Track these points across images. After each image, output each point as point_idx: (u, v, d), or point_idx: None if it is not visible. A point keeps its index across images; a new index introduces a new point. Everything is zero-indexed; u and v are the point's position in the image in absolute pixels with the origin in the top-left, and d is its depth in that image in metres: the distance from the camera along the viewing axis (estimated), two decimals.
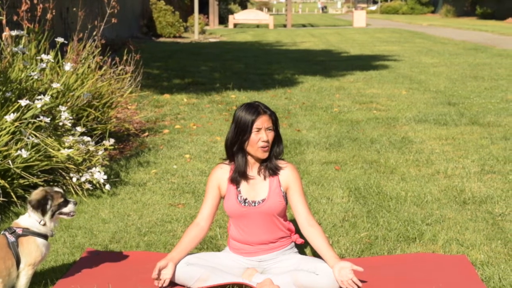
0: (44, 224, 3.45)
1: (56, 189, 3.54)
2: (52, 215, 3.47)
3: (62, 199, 3.49)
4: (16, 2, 8.12)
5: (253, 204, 3.64)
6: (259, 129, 3.58)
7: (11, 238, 3.39)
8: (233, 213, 3.68)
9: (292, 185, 3.68)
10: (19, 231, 3.42)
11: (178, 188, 5.44)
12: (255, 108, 3.61)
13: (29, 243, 3.42)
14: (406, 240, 4.26)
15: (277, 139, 3.67)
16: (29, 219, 3.46)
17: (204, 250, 4.12)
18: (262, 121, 3.58)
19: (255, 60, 16.30)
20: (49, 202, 3.45)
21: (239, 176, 3.66)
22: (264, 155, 3.62)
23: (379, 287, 3.56)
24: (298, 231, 3.76)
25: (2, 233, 3.45)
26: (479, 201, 5.02)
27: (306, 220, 3.65)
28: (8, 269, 3.33)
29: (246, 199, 3.65)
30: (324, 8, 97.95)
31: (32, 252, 3.41)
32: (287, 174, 3.68)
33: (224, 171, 3.72)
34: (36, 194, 3.47)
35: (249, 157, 3.67)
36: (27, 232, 3.42)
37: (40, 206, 3.43)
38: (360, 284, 3.41)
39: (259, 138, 3.58)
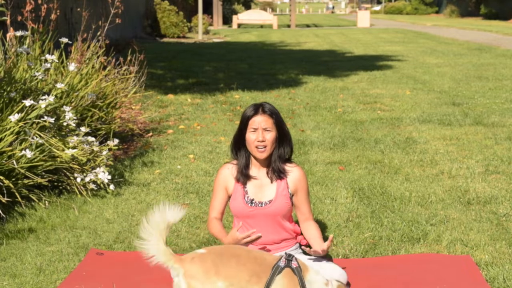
0: None
1: None
2: None
3: None
4: (20, 2, 8.13)
5: (259, 205, 3.65)
6: (255, 129, 3.59)
7: (281, 263, 3.07)
8: (240, 213, 3.68)
9: (300, 188, 3.71)
10: (294, 264, 3.07)
11: (182, 188, 5.44)
12: (255, 107, 3.62)
13: (294, 284, 3.04)
14: (410, 241, 4.25)
15: (282, 141, 3.66)
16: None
17: None
18: (259, 121, 3.58)
19: (259, 60, 16.30)
20: None
21: (240, 175, 3.67)
22: (261, 156, 3.62)
23: (383, 287, 3.56)
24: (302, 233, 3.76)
25: (286, 252, 3.19)
26: (483, 202, 5.01)
27: (305, 218, 3.74)
28: (249, 283, 3.01)
29: (253, 199, 3.66)
30: (332, 8, 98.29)
31: None
32: (295, 177, 3.69)
33: (230, 171, 3.73)
34: None
35: (252, 157, 3.68)
36: (304, 272, 3.05)
37: None
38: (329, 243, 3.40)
39: (255, 138, 3.58)
